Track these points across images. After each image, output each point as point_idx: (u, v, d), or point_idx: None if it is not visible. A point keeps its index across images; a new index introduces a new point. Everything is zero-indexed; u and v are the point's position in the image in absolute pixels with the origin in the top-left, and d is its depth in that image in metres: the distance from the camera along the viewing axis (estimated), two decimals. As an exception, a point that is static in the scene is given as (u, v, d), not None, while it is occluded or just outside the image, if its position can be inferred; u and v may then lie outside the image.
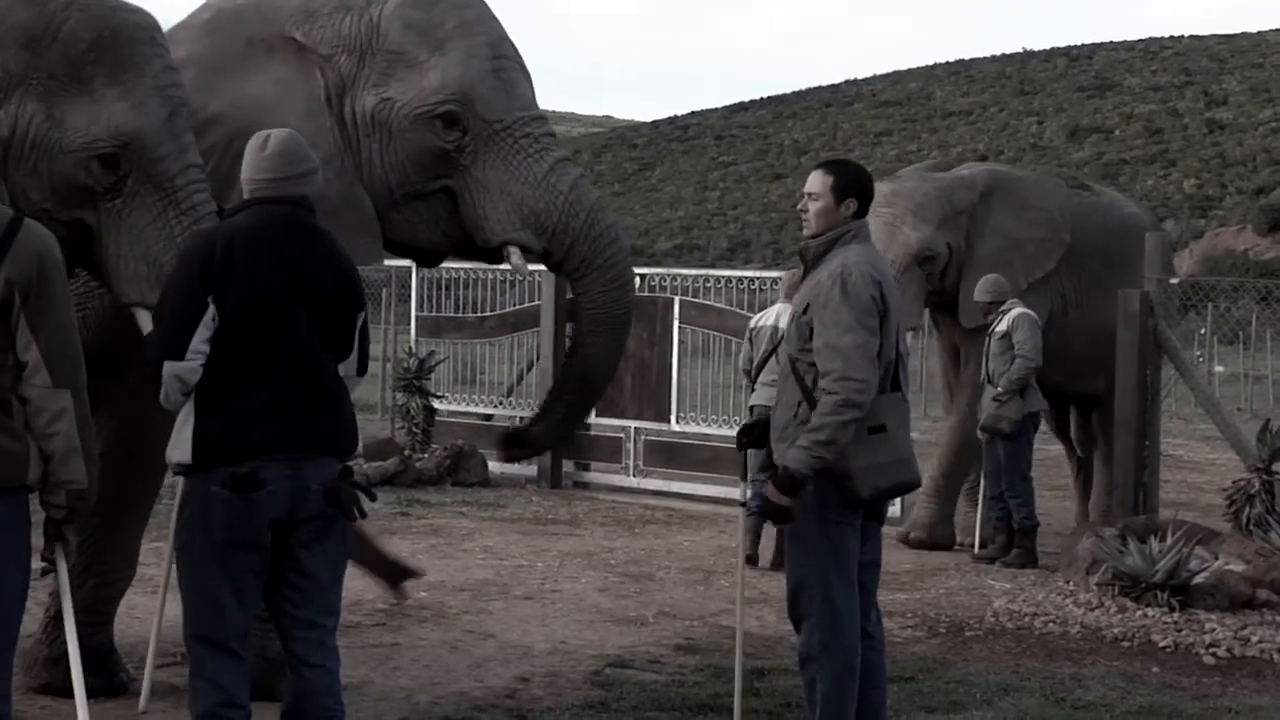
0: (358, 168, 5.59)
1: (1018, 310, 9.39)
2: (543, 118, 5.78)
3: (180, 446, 4.14)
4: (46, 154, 4.70)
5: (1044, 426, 10.96)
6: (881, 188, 9.57)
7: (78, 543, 3.88)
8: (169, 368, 4.08)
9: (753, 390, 9.22)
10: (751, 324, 9.47)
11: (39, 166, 4.66)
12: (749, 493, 5.46)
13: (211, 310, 4.08)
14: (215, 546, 4.11)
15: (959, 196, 9.88)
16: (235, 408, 4.10)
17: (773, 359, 8.96)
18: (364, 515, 4.26)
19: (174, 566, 4.59)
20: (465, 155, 5.61)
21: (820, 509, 4.80)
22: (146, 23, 5.00)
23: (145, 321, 4.72)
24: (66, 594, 4.03)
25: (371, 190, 5.60)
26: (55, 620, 5.90)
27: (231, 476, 4.06)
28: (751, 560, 8.90)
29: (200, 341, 4.08)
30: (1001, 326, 9.37)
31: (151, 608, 7.05)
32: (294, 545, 4.18)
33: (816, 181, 4.96)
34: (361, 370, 4.43)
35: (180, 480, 4.27)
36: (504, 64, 5.69)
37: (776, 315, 9.10)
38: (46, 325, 3.65)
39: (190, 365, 4.08)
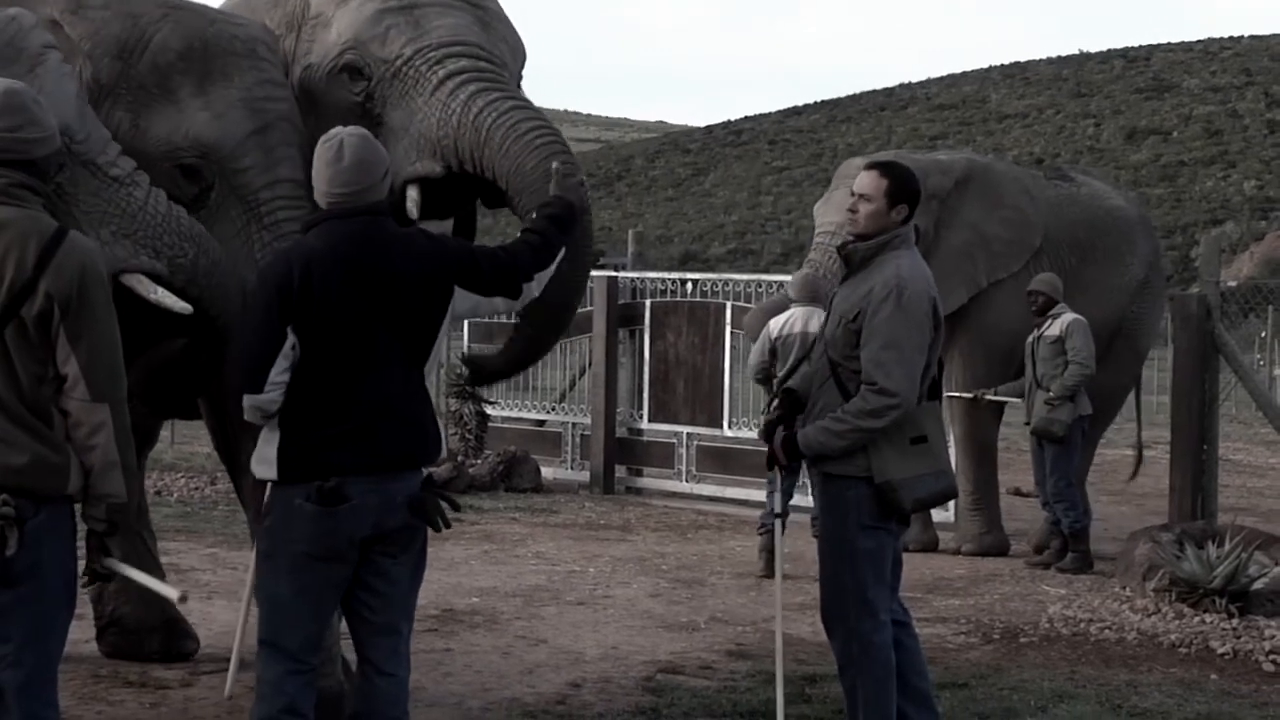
0: (307, 145, 5.13)
1: (1071, 316, 9.28)
2: (461, 43, 5.26)
3: (265, 464, 4.14)
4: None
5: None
6: (855, 162, 9.38)
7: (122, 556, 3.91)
8: (248, 400, 4.07)
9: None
10: (774, 331, 9.01)
11: None
12: (779, 501, 5.51)
13: (291, 339, 4.06)
14: (294, 557, 4.12)
15: (933, 181, 9.39)
16: (320, 433, 4.10)
17: (804, 365, 8.83)
18: (449, 525, 4.26)
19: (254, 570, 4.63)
20: (376, 104, 5.28)
21: (858, 515, 4.78)
22: (247, 35, 4.99)
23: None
24: (147, 578, 4.05)
25: None
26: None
27: (317, 490, 4.06)
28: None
29: (279, 372, 4.06)
30: (1053, 331, 9.27)
31: (204, 612, 7.11)
32: (379, 554, 4.19)
33: (869, 182, 4.88)
34: (514, 292, 4.33)
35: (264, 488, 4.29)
36: (420, 3, 5.33)
37: (804, 320, 8.90)
38: (86, 339, 3.66)
39: (270, 397, 4.07)
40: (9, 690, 3.66)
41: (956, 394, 9.49)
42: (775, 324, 9.06)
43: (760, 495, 11.42)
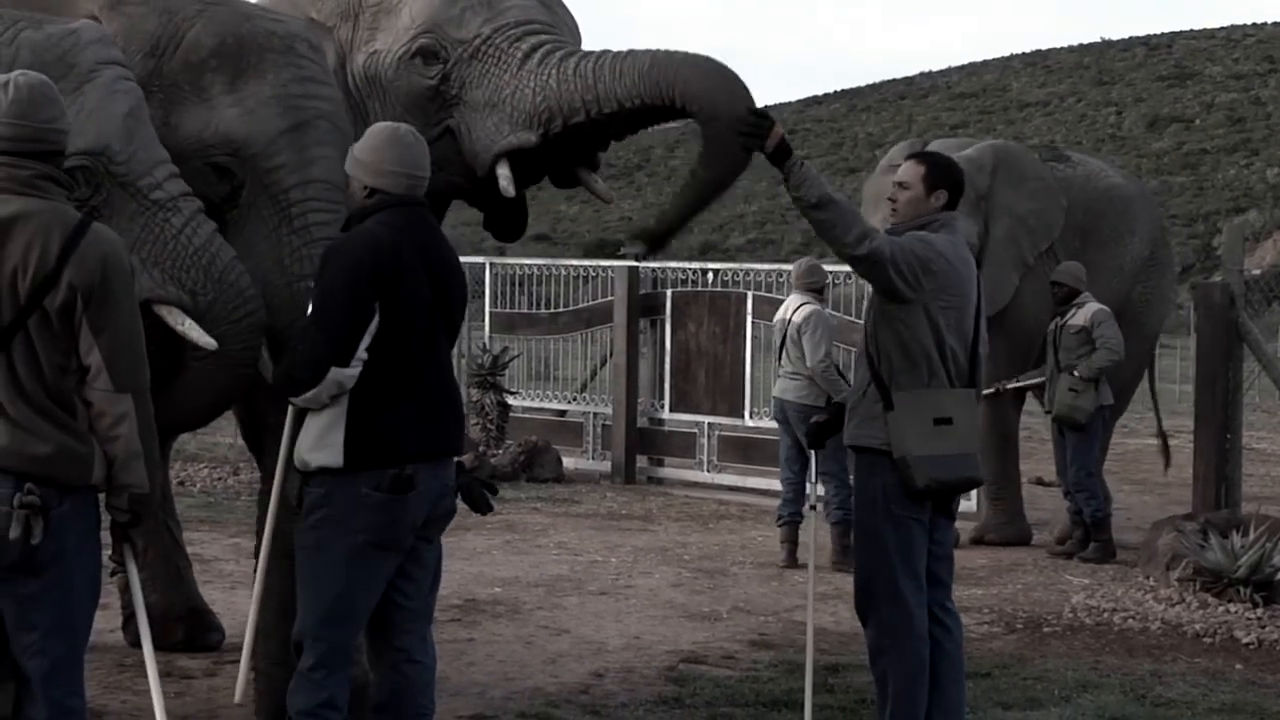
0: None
1: (1096, 306, 9.23)
2: (536, 22, 5.37)
3: (329, 450, 4.12)
4: None
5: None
6: (883, 180, 9.25)
7: (144, 546, 3.93)
8: (335, 374, 4.08)
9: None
10: (778, 316, 9.23)
11: None
12: (819, 492, 5.52)
13: (376, 318, 4.10)
14: (356, 548, 4.12)
15: (979, 180, 9.39)
16: (390, 415, 4.13)
17: (783, 354, 8.91)
18: (492, 509, 4.33)
19: (266, 562, 4.65)
20: (453, 85, 5.33)
21: (885, 503, 4.78)
22: (284, 32, 4.92)
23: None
24: (139, 599, 4.06)
25: None
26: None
27: (393, 479, 4.08)
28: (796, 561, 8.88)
29: (363, 349, 4.10)
30: (1078, 321, 9.22)
31: (228, 602, 7.13)
32: (419, 539, 4.23)
33: (909, 171, 4.96)
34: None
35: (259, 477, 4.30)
36: None
37: (788, 309, 9.00)
38: (109, 329, 3.67)
39: (353, 372, 4.10)
40: (35, 678, 3.68)
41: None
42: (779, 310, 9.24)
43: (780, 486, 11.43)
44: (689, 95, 5.12)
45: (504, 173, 5.24)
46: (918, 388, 4.77)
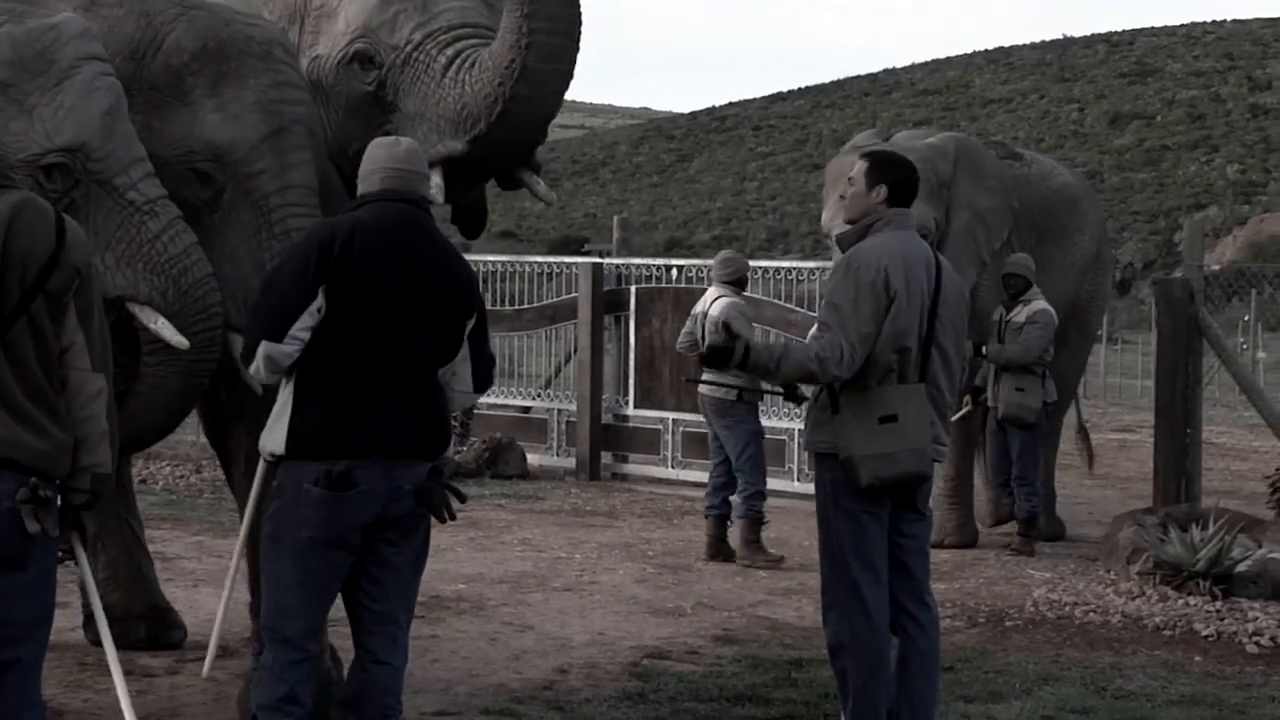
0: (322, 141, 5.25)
1: (1040, 306, 9.19)
2: (470, 25, 5.28)
3: (275, 435, 4.16)
4: None
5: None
6: (845, 159, 9.26)
7: (103, 543, 3.93)
8: (264, 348, 4.10)
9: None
10: (696, 307, 9.31)
11: None
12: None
13: (319, 301, 4.10)
14: (300, 542, 4.13)
15: (940, 167, 9.33)
16: (332, 404, 4.12)
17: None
18: (453, 516, 4.28)
19: (243, 554, 4.65)
20: (389, 91, 5.28)
21: (837, 497, 4.78)
22: (263, 36, 4.92)
23: (236, 345, 4.60)
24: (92, 586, 4.04)
25: (331, 157, 5.26)
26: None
27: (326, 474, 4.08)
28: (719, 554, 8.90)
29: (300, 329, 4.10)
30: (1019, 319, 9.23)
31: (190, 600, 7.11)
32: (380, 541, 4.21)
33: (855, 169, 4.99)
34: (479, 387, 4.41)
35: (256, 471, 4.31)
36: None
37: (705, 301, 9.09)
38: (92, 310, 3.71)
39: (286, 349, 4.10)
40: (16, 669, 3.63)
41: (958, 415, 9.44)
42: (700, 301, 9.34)
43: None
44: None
45: (436, 181, 5.16)
46: (866, 388, 4.77)
